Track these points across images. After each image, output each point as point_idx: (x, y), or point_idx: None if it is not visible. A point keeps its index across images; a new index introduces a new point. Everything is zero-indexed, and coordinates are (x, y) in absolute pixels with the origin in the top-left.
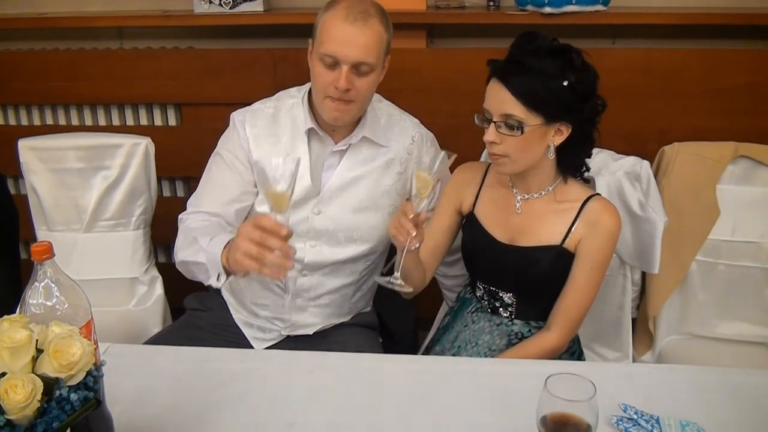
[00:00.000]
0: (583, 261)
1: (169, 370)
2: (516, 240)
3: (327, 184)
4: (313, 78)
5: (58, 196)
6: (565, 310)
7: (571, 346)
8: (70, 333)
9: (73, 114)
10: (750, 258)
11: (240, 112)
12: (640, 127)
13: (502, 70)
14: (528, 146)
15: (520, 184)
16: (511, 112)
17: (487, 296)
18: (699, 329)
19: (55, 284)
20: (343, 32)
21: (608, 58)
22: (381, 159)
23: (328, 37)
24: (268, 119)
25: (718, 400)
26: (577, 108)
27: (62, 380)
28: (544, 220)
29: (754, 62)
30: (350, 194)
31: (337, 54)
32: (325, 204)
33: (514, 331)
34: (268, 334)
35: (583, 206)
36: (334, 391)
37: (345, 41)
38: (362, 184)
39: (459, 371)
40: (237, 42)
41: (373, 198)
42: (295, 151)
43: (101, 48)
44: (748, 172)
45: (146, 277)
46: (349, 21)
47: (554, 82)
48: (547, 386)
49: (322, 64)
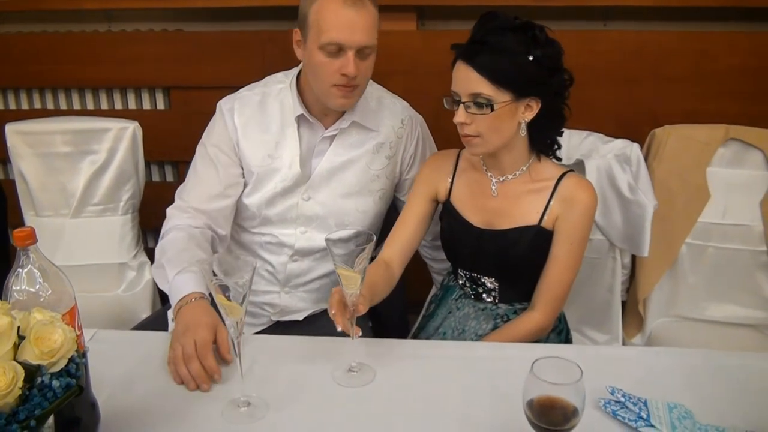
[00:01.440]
0: (562, 238)
1: (156, 356)
2: (493, 224)
3: (316, 170)
4: (314, 68)
5: (46, 181)
6: (548, 288)
7: (557, 326)
8: (52, 320)
9: (61, 98)
10: (740, 241)
11: (227, 99)
12: (631, 109)
13: (467, 51)
14: (499, 124)
15: (494, 166)
16: (479, 90)
17: (469, 283)
18: (689, 312)
19: (39, 270)
20: (345, 17)
21: (600, 40)
22: (371, 143)
23: (329, 25)
24: (255, 106)
25: (706, 383)
26: (545, 82)
27: (44, 367)
28: (520, 200)
29: (746, 45)
30: (340, 179)
31: (342, 40)
32: (314, 190)
33: (499, 314)
34: (257, 319)
35: (558, 183)
36: (323, 376)
37: (348, 26)
38: (352, 168)
39: (447, 355)
40: (225, 24)
41: (362, 182)
42: (284, 138)
43: (89, 30)
44: (738, 155)
45: (135, 263)
46: (348, 5)
47: (520, 57)
48: (533, 370)
49: (324, 53)
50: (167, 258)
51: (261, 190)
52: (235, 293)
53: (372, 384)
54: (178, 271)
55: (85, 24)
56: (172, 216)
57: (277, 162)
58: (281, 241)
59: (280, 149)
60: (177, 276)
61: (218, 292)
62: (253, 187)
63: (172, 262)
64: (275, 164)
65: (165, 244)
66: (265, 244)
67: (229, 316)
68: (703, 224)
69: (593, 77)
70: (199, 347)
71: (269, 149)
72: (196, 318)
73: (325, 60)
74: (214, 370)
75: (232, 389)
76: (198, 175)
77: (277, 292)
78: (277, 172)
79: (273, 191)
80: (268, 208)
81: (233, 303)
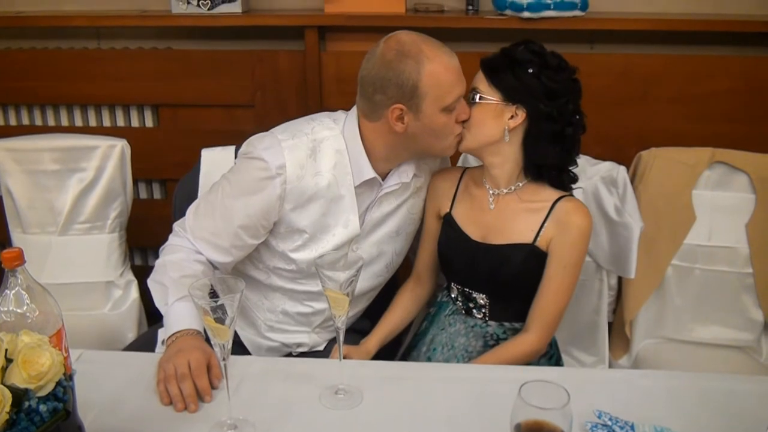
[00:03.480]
0: (556, 260)
1: (143, 378)
2: (489, 238)
3: (367, 221)
4: (439, 130)
5: (33, 198)
6: (542, 311)
7: (549, 350)
8: (40, 342)
9: (50, 114)
10: (726, 263)
11: (274, 154)
12: (618, 132)
13: (486, 59)
14: (483, 120)
15: (490, 178)
16: (476, 85)
17: (461, 297)
18: (675, 333)
19: (26, 291)
20: (455, 69)
21: (586, 63)
22: (412, 187)
23: (450, 83)
24: (305, 160)
25: (693, 406)
26: (537, 97)
27: (31, 391)
28: (516, 217)
29: (732, 68)
30: (385, 227)
31: (462, 92)
32: (362, 240)
33: (489, 333)
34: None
35: (554, 206)
36: (310, 398)
37: (459, 76)
38: (396, 215)
39: (436, 377)
40: (215, 43)
41: (402, 226)
42: (340, 197)
43: (78, 48)
44: (724, 178)
45: (122, 281)
46: (449, 55)
47: (520, 66)
48: (521, 394)
49: (448, 112)
50: (170, 278)
51: (313, 247)
52: (223, 315)
53: (360, 407)
54: (180, 297)
55: (74, 41)
56: (180, 235)
57: (330, 219)
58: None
59: (335, 207)
60: (178, 302)
61: (205, 314)
62: (304, 245)
63: (175, 285)
64: (329, 221)
65: (168, 263)
66: (307, 293)
67: (216, 339)
68: (689, 246)
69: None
70: (194, 367)
71: (323, 207)
72: (190, 343)
73: (447, 120)
74: (207, 390)
75: (219, 411)
76: (214, 220)
77: (308, 332)
78: (330, 230)
79: (324, 247)
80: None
81: (220, 325)
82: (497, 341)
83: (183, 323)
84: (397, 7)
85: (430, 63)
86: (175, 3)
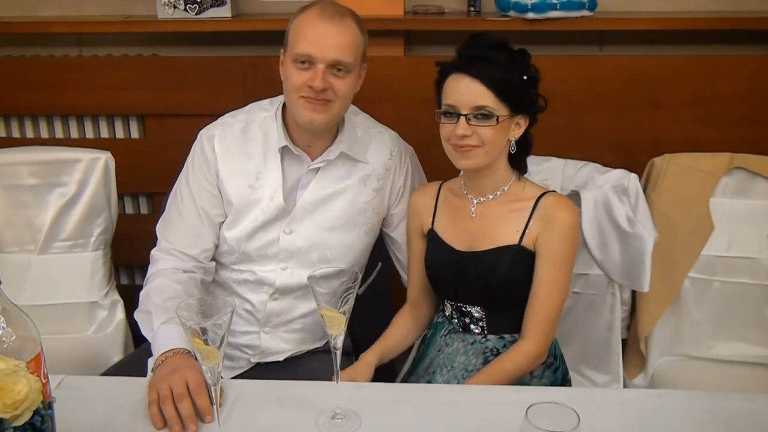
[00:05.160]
0: (545, 258)
1: (128, 403)
2: (474, 246)
3: (299, 202)
4: (286, 81)
5: (10, 215)
6: (536, 313)
7: (552, 363)
8: (16, 368)
9: (28, 126)
10: (747, 274)
11: (209, 127)
12: (629, 137)
13: (469, 65)
14: (499, 136)
15: (476, 187)
16: (484, 103)
17: (456, 314)
18: (693, 350)
19: (2, 314)
20: (319, 31)
21: (595, 65)
22: (357, 174)
23: (302, 38)
24: (237, 134)
25: (713, 428)
26: (533, 102)
27: (6, 421)
28: (500, 221)
29: (749, 69)
30: (324, 212)
31: (312, 52)
32: (297, 223)
33: (488, 348)
34: (236, 362)
35: (537, 203)
36: (306, 423)
37: (320, 40)
38: (337, 201)
39: (438, 400)
40: (204, 50)
41: (348, 215)
42: (267, 168)
43: (58, 55)
44: (743, 184)
45: (106, 302)
46: (324, 19)
47: (518, 75)
48: (528, 416)
49: (296, 66)
50: (154, 304)
51: (241, 222)
52: (213, 336)
53: (357, 430)
54: (165, 320)
55: (54, 48)
56: (158, 259)
57: (257, 193)
58: (260, 278)
59: (262, 179)
60: (164, 325)
61: (194, 336)
62: (233, 220)
63: (158, 310)
64: (255, 195)
65: (150, 291)
66: (244, 282)
67: (206, 362)
68: (707, 257)
69: (589, 104)
70: (193, 387)
71: (250, 180)
72: (184, 362)
73: (296, 71)
74: (207, 410)
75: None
76: (181, 215)
77: (257, 332)
78: (257, 204)
79: (253, 224)
80: (248, 243)
81: (210, 347)
82: (497, 356)
83: (172, 343)
84: (395, 10)
85: (304, 14)
86: (161, 8)
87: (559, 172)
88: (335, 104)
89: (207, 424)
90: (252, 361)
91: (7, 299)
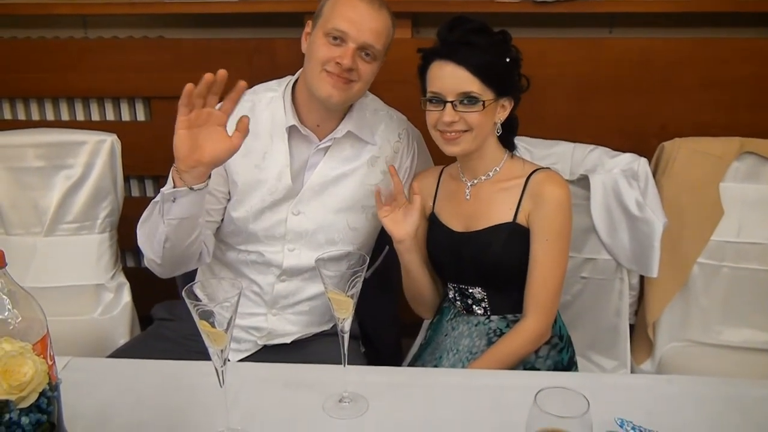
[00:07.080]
0: (538, 235)
1: (133, 386)
2: (470, 226)
3: (307, 183)
4: (311, 53)
5: (16, 197)
6: (534, 291)
7: (557, 343)
8: (22, 350)
9: (34, 108)
10: (756, 260)
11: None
12: (639, 122)
13: (451, 51)
14: (486, 120)
15: (469, 170)
16: (470, 88)
17: (458, 296)
18: (702, 336)
19: (8, 296)
20: (359, 12)
21: (605, 48)
22: (366, 156)
23: (340, 13)
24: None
25: (721, 414)
26: (516, 84)
27: (12, 402)
28: (493, 200)
29: (760, 52)
30: (332, 193)
31: (348, 30)
32: (304, 204)
33: (492, 329)
34: (243, 344)
35: (528, 180)
36: (313, 406)
37: (358, 20)
38: (345, 182)
39: (445, 384)
40: (210, 31)
41: (356, 197)
42: (273, 149)
43: (63, 37)
44: (754, 169)
45: (112, 284)
46: (365, 2)
47: (501, 58)
48: (537, 401)
49: (327, 39)
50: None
51: (247, 202)
52: (220, 319)
53: (365, 415)
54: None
55: (59, 30)
56: None
57: (264, 173)
58: (268, 259)
59: (268, 160)
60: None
61: (201, 319)
62: (239, 199)
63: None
64: (262, 175)
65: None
66: (251, 263)
67: (213, 345)
68: (716, 243)
69: (598, 87)
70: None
71: (256, 159)
72: None
73: (325, 44)
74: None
75: (216, 422)
76: None
77: (264, 314)
78: (263, 184)
79: (260, 204)
80: (255, 223)
81: (218, 330)
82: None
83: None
84: None
85: None
86: None
87: (568, 156)
88: (355, 85)
89: (215, 409)
90: (259, 344)
91: (12, 281)
